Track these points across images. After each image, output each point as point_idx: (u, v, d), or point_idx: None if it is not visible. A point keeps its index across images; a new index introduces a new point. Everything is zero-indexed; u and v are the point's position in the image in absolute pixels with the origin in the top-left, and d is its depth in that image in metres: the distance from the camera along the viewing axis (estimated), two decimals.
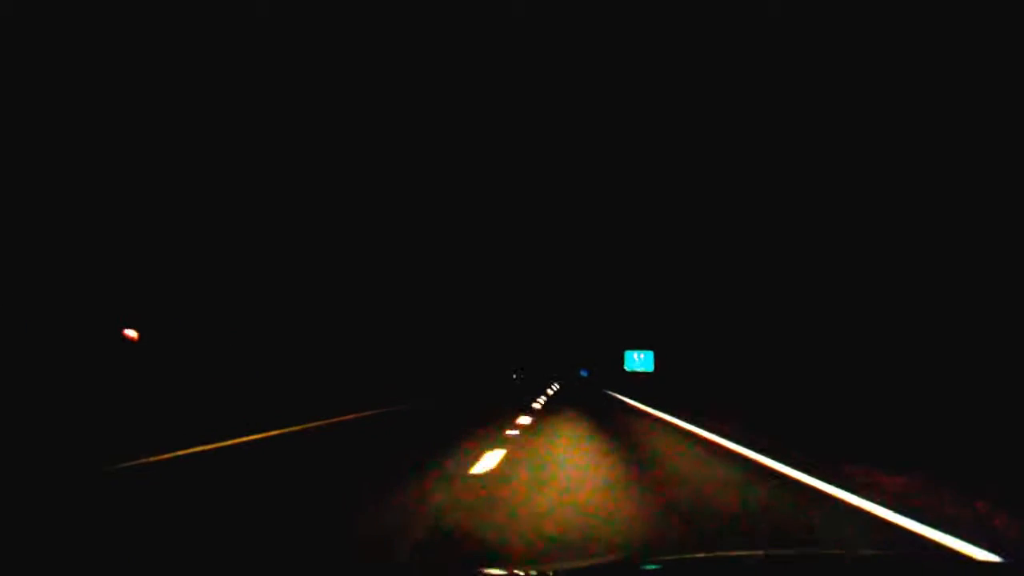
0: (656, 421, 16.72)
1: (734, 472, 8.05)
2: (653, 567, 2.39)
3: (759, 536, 4.89)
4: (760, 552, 3.54)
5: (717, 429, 12.94)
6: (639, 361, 52.70)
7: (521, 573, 2.50)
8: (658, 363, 51.69)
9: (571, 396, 32.43)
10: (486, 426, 13.71)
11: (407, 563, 4.15)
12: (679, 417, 16.66)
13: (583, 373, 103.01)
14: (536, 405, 23.23)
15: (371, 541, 4.67)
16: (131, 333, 26.11)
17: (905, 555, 3.56)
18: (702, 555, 3.38)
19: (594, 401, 27.40)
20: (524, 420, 15.59)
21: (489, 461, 8.30)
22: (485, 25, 47.00)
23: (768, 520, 5.42)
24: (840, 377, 23.28)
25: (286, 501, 6.21)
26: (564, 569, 2.49)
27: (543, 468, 8.16)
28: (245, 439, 10.83)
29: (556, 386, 55.64)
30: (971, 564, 3.34)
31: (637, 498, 6.31)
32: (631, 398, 29.69)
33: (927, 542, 4.60)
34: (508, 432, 12.43)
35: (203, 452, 9.30)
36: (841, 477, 7.06)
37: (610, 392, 39.06)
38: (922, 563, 2.65)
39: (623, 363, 53.34)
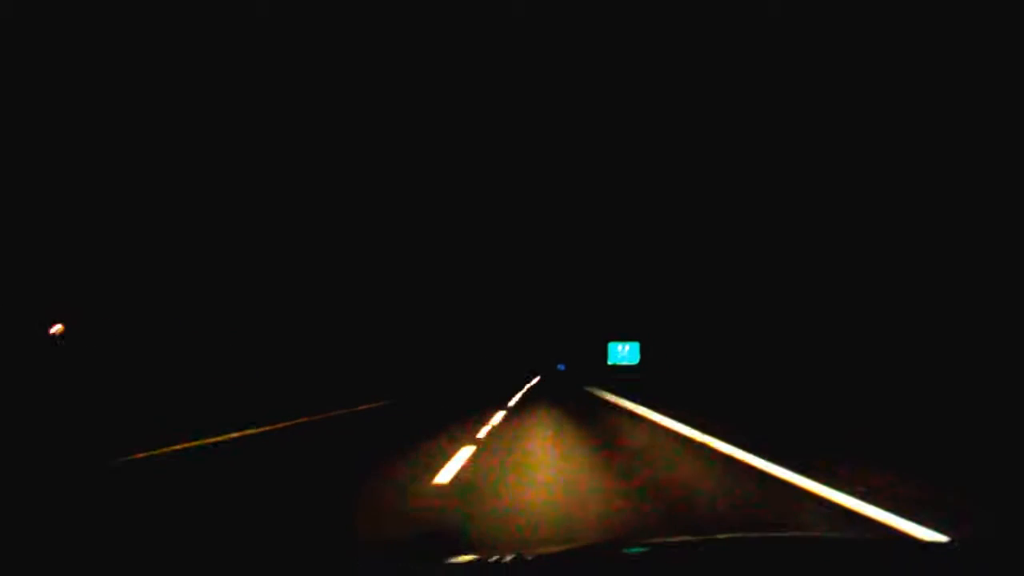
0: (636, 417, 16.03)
1: None
2: (636, 550, 2.40)
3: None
4: (740, 535, 3.57)
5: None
6: (623, 353, 49.01)
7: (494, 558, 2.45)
8: (644, 355, 48.25)
9: (547, 395, 27.94)
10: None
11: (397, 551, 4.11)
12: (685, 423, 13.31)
13: (560, 367, 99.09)
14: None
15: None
16: (57, 328, 24.79)
17: (855, 538, 3.60)
18: (685, 539, 3.38)
19: (573, 402, 22.79)
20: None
21: None
22: (485, 25, 47.08)
23: None
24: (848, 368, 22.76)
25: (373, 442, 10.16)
26: (546, 553, 2.47)
27: None
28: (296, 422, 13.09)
29: (534, 381, 50.94)
30: (919, 544, 3.40)
31: None
32: (615, 395, 26.87)
33: (876, 524, 4.70)
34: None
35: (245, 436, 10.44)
36: None
37: (588, 389, 34.77)
38: (872, 545, 2.68)
39: (606, 356, 49.65)
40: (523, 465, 7.96)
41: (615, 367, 48.43)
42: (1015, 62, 19.88)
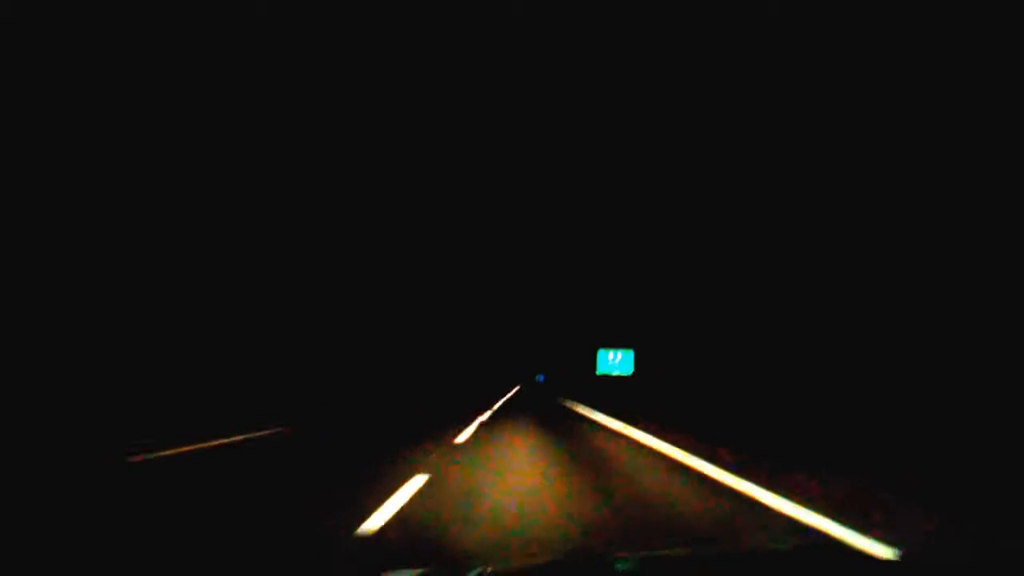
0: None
1: None
2: (624, 566, 2.42)
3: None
4: (711, 548, 3.58)
5: None
6: (615, 362, 45.23)
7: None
8: (639, 365, 44.73)
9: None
10: None
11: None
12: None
13: (540, 379, 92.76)
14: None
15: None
16: None
17: (804, 550, 3.64)
18: (659, 552, 3.40)
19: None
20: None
21: None
22: (485, 25, 47.14)
23: None
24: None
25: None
26: (531, 565, 2.47)
27: None
28: None
29: (510, 394, 45.66)
30: (870, 560, 3.43)
31: None
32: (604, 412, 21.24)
33: (830, 538, 4.69)
34: None
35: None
36: None
37: (568, 403, 29.57)
38: (821, 558, 2.70)
39: (595, 365, 45.62)
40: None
41: (605, 377, 44.93)
42: (1015, 62, 19.84)
